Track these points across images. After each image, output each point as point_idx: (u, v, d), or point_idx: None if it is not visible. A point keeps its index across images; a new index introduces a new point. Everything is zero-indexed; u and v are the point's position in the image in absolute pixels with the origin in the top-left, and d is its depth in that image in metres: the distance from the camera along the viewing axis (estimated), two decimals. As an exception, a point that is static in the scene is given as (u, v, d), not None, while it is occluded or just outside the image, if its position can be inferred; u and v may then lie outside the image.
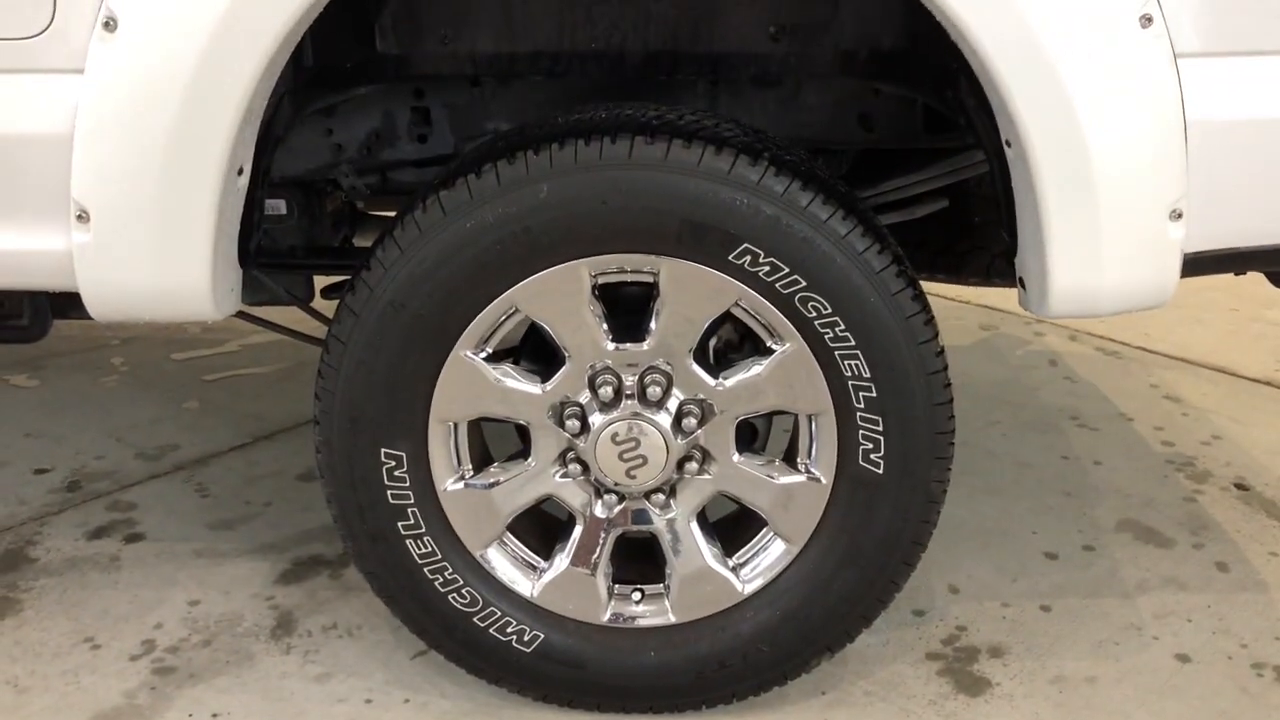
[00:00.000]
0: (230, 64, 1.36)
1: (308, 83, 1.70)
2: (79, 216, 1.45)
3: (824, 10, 1.71)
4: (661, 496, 1.66)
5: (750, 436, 1.73)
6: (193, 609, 2.03)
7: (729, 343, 1.71)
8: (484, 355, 1.60)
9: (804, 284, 1.50)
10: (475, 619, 1.69)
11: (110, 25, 1.38)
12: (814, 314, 1.52)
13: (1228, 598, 2.09)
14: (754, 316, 1.56)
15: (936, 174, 1.93)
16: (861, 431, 1.57)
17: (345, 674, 1.86)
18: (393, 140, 1.97)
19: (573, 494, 1.67)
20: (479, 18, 1.74)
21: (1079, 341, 3.35)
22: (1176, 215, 1.45)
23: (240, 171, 1.49)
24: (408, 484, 1.63)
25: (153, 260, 1.46)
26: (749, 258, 1.49)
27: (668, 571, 1.70)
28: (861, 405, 1.56)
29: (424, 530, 1.65)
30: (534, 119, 1.73)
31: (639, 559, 1.74)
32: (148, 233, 1.44)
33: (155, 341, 3.35)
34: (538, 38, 1.76)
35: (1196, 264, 1.52)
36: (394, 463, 1.61)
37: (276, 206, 2.01)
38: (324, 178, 1.99)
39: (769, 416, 1.70)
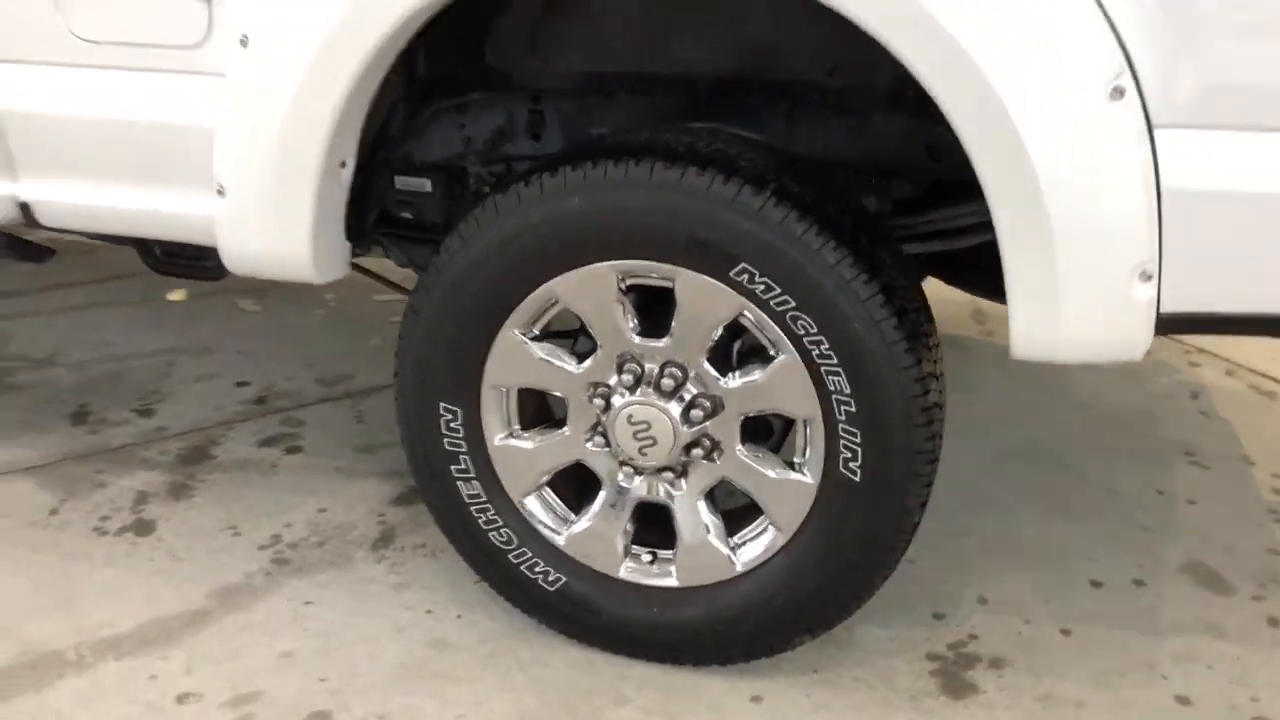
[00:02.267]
0: (325, 82, 1.69)
1: (425, 89, 2.01)
2: (218, 191, 1.83)
3: (866, 52, 1.85)
4: (672, 475, 1.89)
5: (767, 433, 1.92)
6: (319, 515, 2.44)
7: (752, 347, 1.90)
8: (532, 335, 1.87)
9: (794, 304, 1.68)
10: (510, 555, 1.98)
11: (244, 42, 1.73)
12: (803, 331, 1.70)
13: (1261, 652, 2.08)
14: (757, 327, 1.75)
15: (973, 209, 2.02)
16: (842, 441, 1.74)
17: (419, 587, 2.20)
18: (513, 137, 2.25)
19: (599, 461, 1.93)
20: (571, 42, 1.99)
21: (1235, 376, 3.25)
22: (1145, 276, 1.52)
23: (343, 164, 1.82)
24: (461, 435, 1.93)
25: (268, 232, 1.82)
26: (747, 276, 1.68)
27: (678, 540, 1.93)
28: (843, 418, 1.73)
29: (473, 475, 1.95)
30: (609, 131, 1.98)
31: (660, 524, 1.97)
32: (264, 210, 1.81)
33: (363, 283, 3.83)
34: (621, 61, 2.00)
35: (1174, 324, 1.58)
36: (451, 416, 1.92)
37: (422, 185, 2.34)
38: (456, 165, 2.31)
39: (786, 419, 1.89)
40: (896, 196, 2.08)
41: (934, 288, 2.17)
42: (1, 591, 2.17)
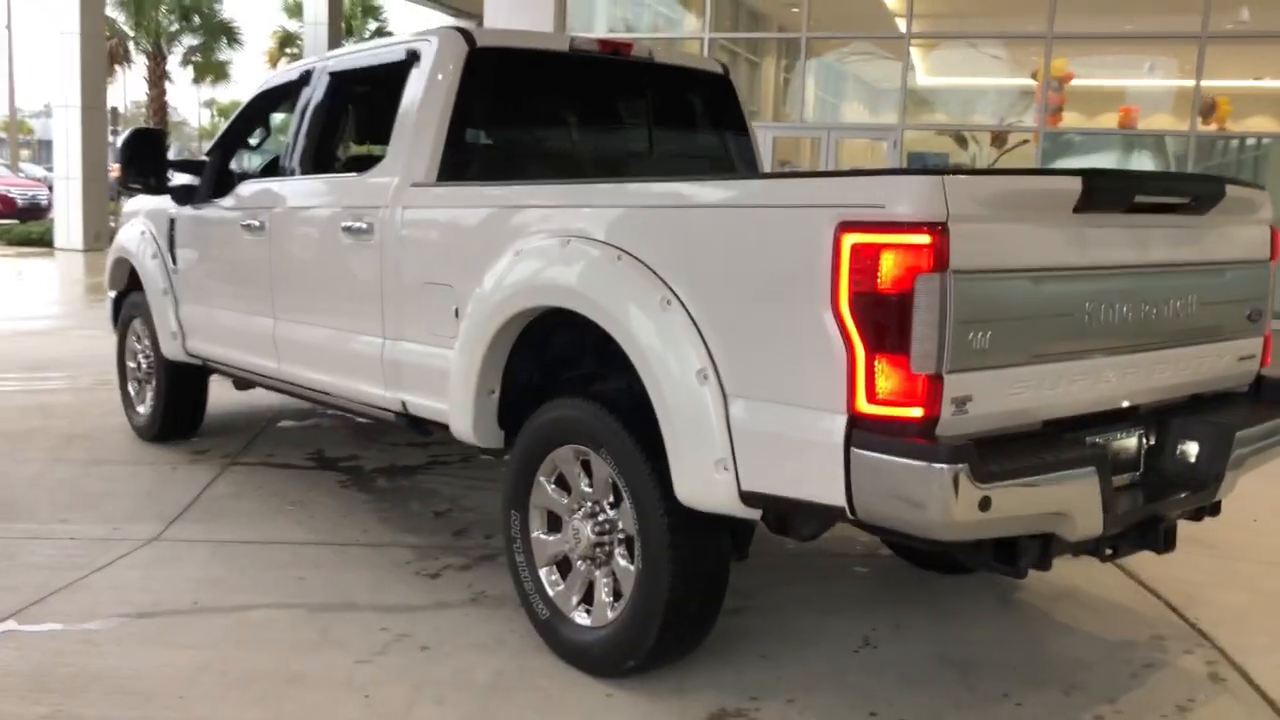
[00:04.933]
0: (473, 354, 3.89)
1: (557, 363, 4.11)
2: (451, 399, 4.10)
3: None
4: (593, 563, 3.66)
5: (647, 552, 3.61)
6: (511, 590, 4.45)
7: (642, 503, 3.63)
8: (553, 480, 3.80)
9: (619, 471, 3.45)
10: (530, 597, 3.85)
11: (457, 336, 4.01)
12: (625, 486, 3.45)
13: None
14: (617, 483, 3.52)
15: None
16: (636, 545, 3.42)
17: (519, 622, 4.10)
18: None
19: (572, 553, 3.76)
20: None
21: (1216, 680, 3.84)
22: (724, 468, 3.09)
23: (492, 392, 3.98)
24: (520, 529, 3.89)
25: (458, 420, 4.03)
26: (606, 454, 3.50)
27: (595, 600, 3.66)
28: (636, 533, 3.41)
29: (522, 549, 3.89)
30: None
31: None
32: (457, 409, 4.02)
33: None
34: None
35: (756, 500, 3.09)
36: (515, 519, 3.90)
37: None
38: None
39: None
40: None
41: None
42: (364, 580, 4.51)
